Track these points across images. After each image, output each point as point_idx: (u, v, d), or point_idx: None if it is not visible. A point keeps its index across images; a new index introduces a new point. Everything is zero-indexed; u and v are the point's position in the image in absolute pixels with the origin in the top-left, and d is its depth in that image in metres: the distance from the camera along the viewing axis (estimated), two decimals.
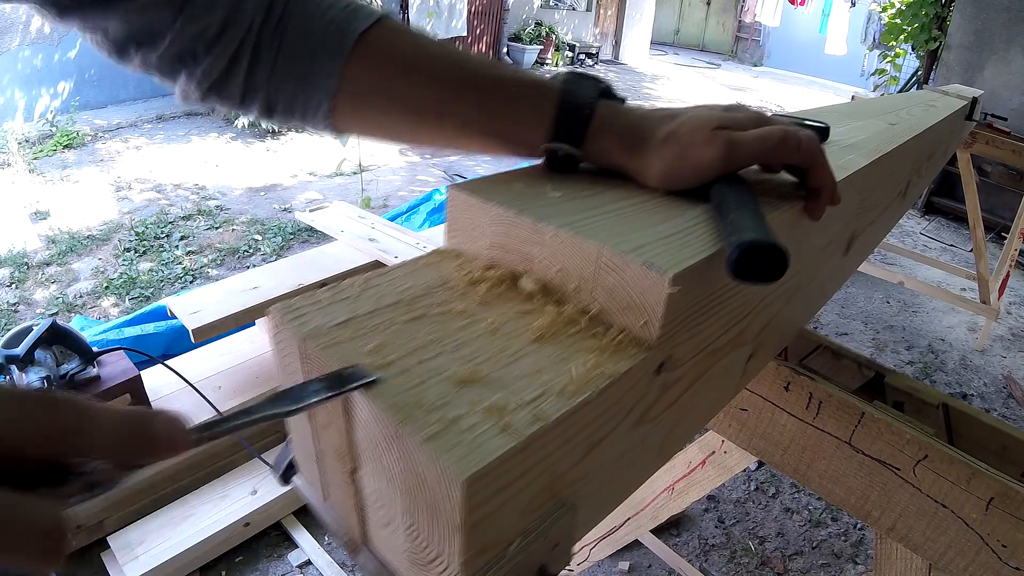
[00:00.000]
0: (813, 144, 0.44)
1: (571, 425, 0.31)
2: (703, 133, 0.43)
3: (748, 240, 0.35)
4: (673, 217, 0.42)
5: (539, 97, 0.46)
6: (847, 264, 0.81)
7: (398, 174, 5.04)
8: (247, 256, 3.55)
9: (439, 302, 0.38)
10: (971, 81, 4.50)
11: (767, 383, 0.71)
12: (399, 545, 0.33)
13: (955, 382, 3.02)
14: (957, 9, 4.85)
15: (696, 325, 0.40)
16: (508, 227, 0.40)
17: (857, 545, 2.03)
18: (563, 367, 0.33)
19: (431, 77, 0.47)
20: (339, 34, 0.47)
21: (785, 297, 0.57)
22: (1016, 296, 4.00)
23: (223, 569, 1.73)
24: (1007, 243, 3.09)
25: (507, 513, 0.29)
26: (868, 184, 0.67)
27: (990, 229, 4.14)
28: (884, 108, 1.06)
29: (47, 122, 5.17)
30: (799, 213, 0.48)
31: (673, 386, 0.41)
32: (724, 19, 15.59)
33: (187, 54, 0.48)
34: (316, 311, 0.36)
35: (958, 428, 0.72)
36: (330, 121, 0.51)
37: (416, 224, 3.52)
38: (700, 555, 1.94)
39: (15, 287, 3.14)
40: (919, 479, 0.62)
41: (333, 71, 0.48)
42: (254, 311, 1.93)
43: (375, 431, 0.30)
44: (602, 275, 0.37)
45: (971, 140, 2.63)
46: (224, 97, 0.50)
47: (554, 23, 10.44)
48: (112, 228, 3.75)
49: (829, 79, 13.07)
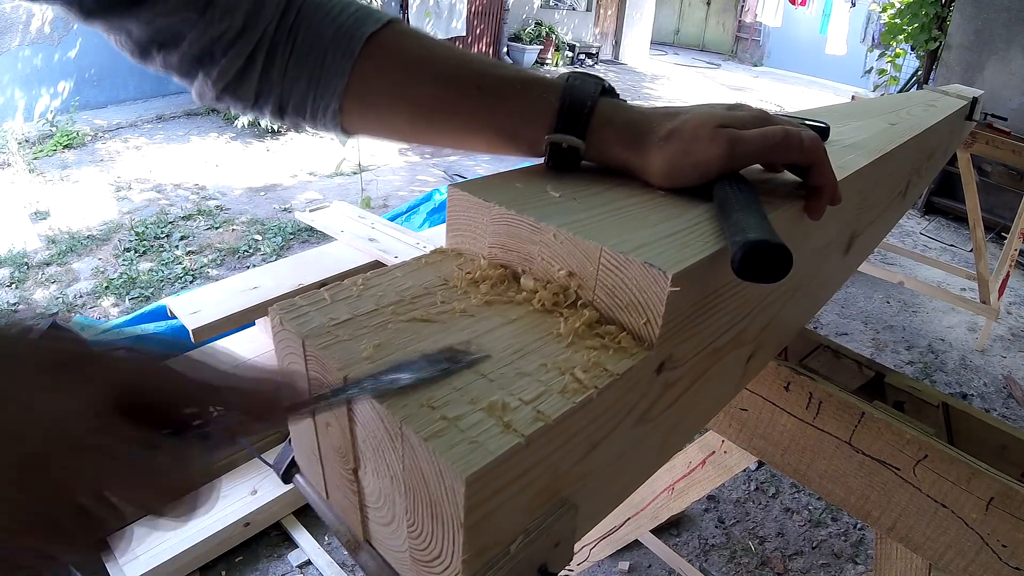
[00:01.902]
0: (815, 143, 0.45)
1: (572, 424, 0.31)
2: (706, 131, 0.43)
3: (753, 240, 0.35)
4: (674, 216, 0.42)
5: (542, 93, 0.46)
6: (847, 264, 0.81)
7: (398, 174, 5.04)
8: (247, 256, 3.55)
9: (440, 301, 0.38)
10: (971, 81, 4.50)
11: (767, 383, 0.71)
12: (400, 544, 0.33)
13: (955, 382, 3.02)
14: (957, 9, 4.85)
15: (697, 324, 0.40)
16: (509, 226, 0.40)
17: (857, 545, 2.03)
18: (564, 366, 0.33)
19: (437, 77, 0.48)
20: (348, 37, 0.49)
21: (785, 297, 0.57)
22: (1016, 296, 4.00)
23: (223, 569, 1.73)
24: (1007, 243, 3.09)
25: (508, 512, 0.29)
26: (868, 184, 0.67)
27: (990, 229, 4.14)
28: (884, 108, 1.06)
29: (47, 122, 5.17)
30: (800, 212, 0.48)
31: (674, 385, 0.41)
32: (724, 19, 15.59)
33: (206, 55, 0.49)
34: (317, 310, 0.36)
35: (958, 428, 0.72)
36: (339, 121, 0.52)
37: (416, 224, 3.52)
38: (700, 555, 1.94)
39: (15, 287, 3.14)
40: (919, 479, 0.62)
41: (342, 73, 0.49)
42: (254, 311, 1.93)
43: (377, 430, 0.30)
44: (603, 274, 0.37)
45: (971, 140, 2.63)
46: (238, 97, 0.52)
47: (554, 23, 10.43)
48: (112, 228, 3.74)
49: (829, 79, 13.07)
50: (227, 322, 1.87)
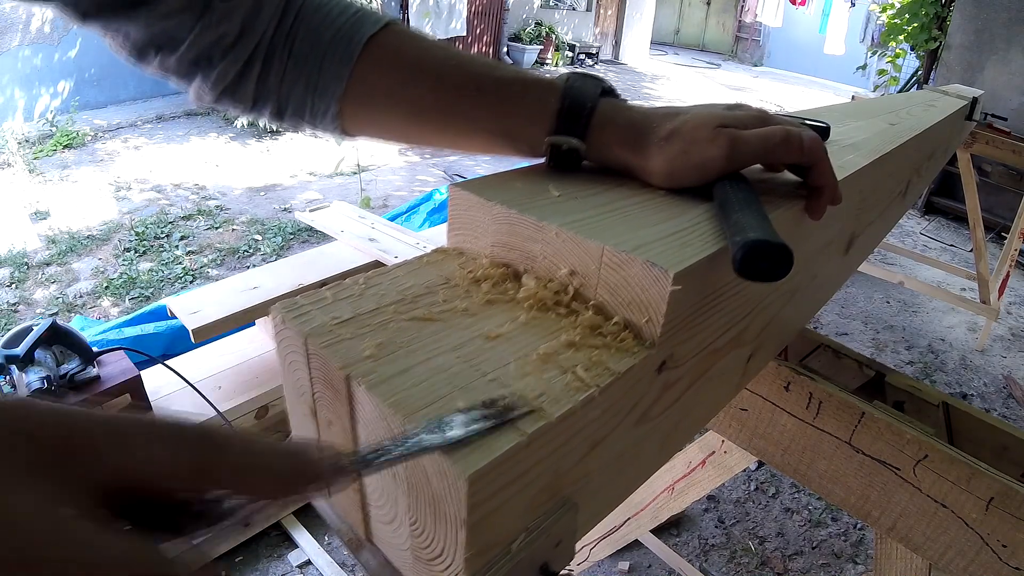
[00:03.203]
0: (815, 143, 0.45)
1: (573, 423, 0.31)
2: (706, 131, 0.43)
3: (754, 239, 0.35)
4: (675, 216, 0.42)
5: (542, 94, 0.46)
6: (847, 264, 0.81)
7: (398, 174, 5.04)
8: (247, 256, 3.55)
9: (442, 300, 0.38)
10: (971, 81, 4.50)
11: (767, 383, 0.71)
12: (402, 542, 0.33)
13: (955, 382, 3.02)
14: (957, 9, 4.85)
15: (697, 324, 0.40)
16: (510, 225, 0.40)
17: (857, 545, 2.03)
18: (566, 364, 0.33)
19: (436, 79, 0.48)
20: (347, 40, 0.49)
21: (785, 297, 0.57)
22: (1016, 296, 4.00)
23: (223, 569, 1.73)
24: (1007, 243, 3.09)
25: (510, 510, 0.29)
26: (868, 184, 0.67)
27: (990, 229, 4.14)
28: (884, 108, 1.06)
29: (47, 122, 5.17)
30: (800, 212, 0.48)
31: (674, 385, 0.41)
32: (724, 19, 15.59)
33: (203, 58, 0.49)
34: (319, 309, 0.36)
35: (958, 428, 0.72)
36: (338, 124, 0.52)
37: (416, 224, 3.52)
38: (700, 555, 1.94)
39: (15, 287, 3.14)
40: (919, 479, 0.62)
41: (341, 76, 0.49)
42: (254, 311, 1.93)
43: (379, 428, 0.30)
44: (604, 273, 0.37)
45: (971, 140, 2.64)
46: (236, 100, 0.52)
47: (554, 23, 10.44)
48: (112, 228, 3.74)
49: (829, 79, 13.07)
50: (227, 322, 1.87)
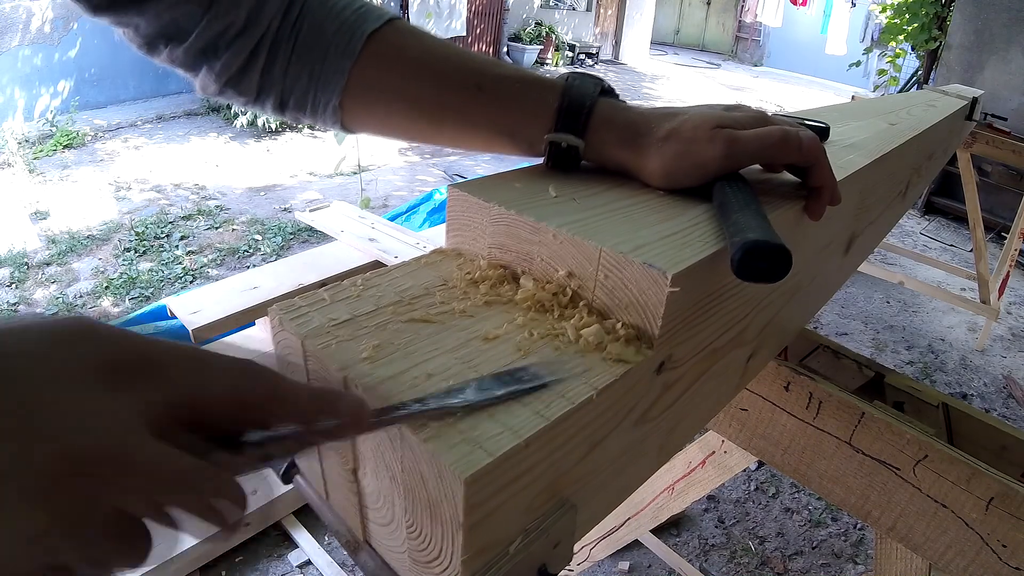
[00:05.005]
0: (814, 144, 0.45)
1: (572, 424, 0.31)
2: (704, 131, 0.43)
3: (752, 240, 0.35)
4: (674, 216, 0.42)
5: (542, 92, 0.46)
6: (847, 264, 0.81)
7: (398, 174, 5.04)
8: (247, 256, 3.55)
9: (440, 302, 0.38)
10: (971, 81, 4.50)
11: (767, 383, 0.71)
12: (399, 544, 0.33)
13: (955, 382, 3.02)
14: (957, 9, 4.85)
15: (696, 324, 0.40)
16: (508, 226, 0.40)
17: (857, 545, 2.03)
18: (564, 366, 0.33)
19: (437, 76, 0.48)
20: (349, 34, 0.49)
21: (785, 297, 0.57)
22: (1016, 296, 3.99)
23: (223, 569, 1.73)
24: (1007, 243, 3.08)
25: (508, 512, 0.29)
26: (868, 184, 0.67)
27: (990, 229, 4.14)
28: (884, 108, 1.06)
29: (47, 122, 5.17)
30: (800, 213, 0.48)
31: (673, 385, 0.41)
32: (724, 19, 15.58)
33: (210, 49, 0.49)
34: (317, 310, 0.36)
35: (958, 428, 0.72)
36: (339, 117, 0.52)
37: (416, 224, 3.52)
38: (700, 555, 1.94)
39: (15, 287, 3.13)
40: (919, 479, 0.62)
41: (343, 69, 0.50)
42: (254, 311, 1.93)
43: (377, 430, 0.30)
44: (602, 274, 0.37)
45: (971, 140, 2.63)
46: (240, 91, 0.52)
47: (554, 23, 10.43)
48: (112, 228, 3.74)
49: (829, 79, 13.07)
50: (227, 322, 1.87)
